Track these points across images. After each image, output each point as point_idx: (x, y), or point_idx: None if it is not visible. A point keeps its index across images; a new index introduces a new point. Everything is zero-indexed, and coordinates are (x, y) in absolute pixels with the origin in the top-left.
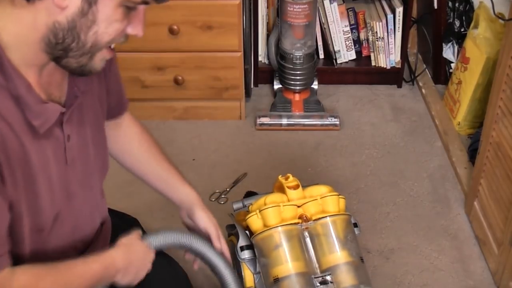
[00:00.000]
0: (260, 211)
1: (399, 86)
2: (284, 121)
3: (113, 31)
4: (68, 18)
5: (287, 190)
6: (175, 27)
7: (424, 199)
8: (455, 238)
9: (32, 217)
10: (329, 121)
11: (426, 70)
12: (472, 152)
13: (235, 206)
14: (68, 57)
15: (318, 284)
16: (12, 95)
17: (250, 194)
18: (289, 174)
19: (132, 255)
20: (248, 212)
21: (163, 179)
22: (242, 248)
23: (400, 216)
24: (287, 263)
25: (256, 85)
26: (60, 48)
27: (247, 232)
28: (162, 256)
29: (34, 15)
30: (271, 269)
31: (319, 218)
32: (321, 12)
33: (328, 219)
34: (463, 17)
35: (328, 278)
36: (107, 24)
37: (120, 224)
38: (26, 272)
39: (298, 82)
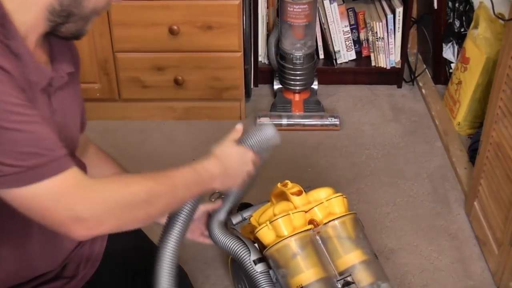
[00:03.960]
0: (270, 222)
1: (399, 86)
2: (284, 121)
3: None
4: None
5: (292, 197)
6: (175, 27)
7: (424, 199)
8: (455, 238)
9: None
10: (329, 121)
11: (426, 70)
12: (472, 152)
13: (234, 220)
14: (69, 22)
15: (340, 287)
16: (12, 52)
17: (244, 206)
18: (287, 181)
19: (227, 161)
20: (249, 224)
21: None
22: (255, 262)
23: (400, 216)
24: (308, 271)
25: (256, 85)
26: (63, 15)
27: (256, 245)
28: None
29: None
30: (292, 278)
31: (329, 221)
32: (321, 12)
33: (337, 221)
34: (463, 17)
35: (350, 279)
36: None
37: None
38: (134, 176)
39: (298, 82)
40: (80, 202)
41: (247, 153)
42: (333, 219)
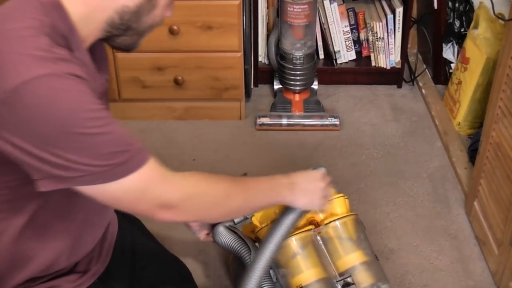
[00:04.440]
0: (272, 222)
1: (399, 86)
2: (284, 121)
3: (162, 14)
4: (136, 2)
5: None
6: (175, 27)
7: (424, 199)
8: (455, 238)
9: None
10: (329, 121)
11: (426, 70)
12: (472, 152)
13: (236, 219)
14: (126, 36)
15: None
16: (81, 63)
17: None
18: None
19: (295, 176)
20: (251, 223)
21: None
22: None
23: (400, 216)
24: (308, 271)
25: (256, 85)
26: (122, 28)
27: (257, 244)
28: (166, 254)
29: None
30: (292, 278)
31: (330, 222)
32: (321, 12)
33: (338, 221)
34: (463, 17)
35: (349, 280)
36: (161, 8)
37: (124, 221)
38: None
39: (298, 82)
40: (165, 190)
41: (316, 172)
42: (334, 220)
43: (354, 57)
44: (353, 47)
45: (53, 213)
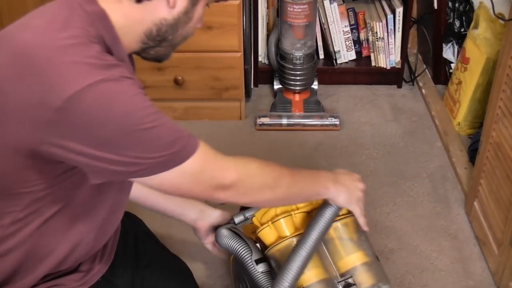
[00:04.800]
0: (272, 222)
1: (399, 86)
2: (284, 121)
3: (195, 26)
4: (174, 15)
5: None
6: None
7: (424, 199)
8: (455, 238)
9: None
10: (329, 121)
11: (426, 70)
12: (472, 152)
13: (237, 219)
14: (160, 47)
15: None
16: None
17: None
18: None
19: (336, 173)
20: (252, 224)
21: (169, 208)
22: (256, 262)
23: (400, 216)
24: (309, 271)
25: (256, 85)
26: (158, 39)
27: (257, 245)
28: (167, 253)
29: (142, 12)
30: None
31: None
32: (321, 12)
33: (339, 222)
34: (463, 17)
35: (351, 280)
36: (195, 20)
37: (126, 220)
38: (251, 159)
39: (298, 82)
40: (219, 171)
41: (354, 174)
42: (335, 220)
43: (354, 57)
44: (353, 47)
45: (80, 208)
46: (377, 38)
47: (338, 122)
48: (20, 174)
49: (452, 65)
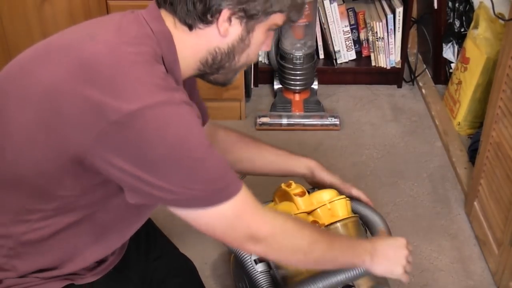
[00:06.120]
0: None
1: (399, 86)
2: (284, 121)
3: (257, 51)
4: (229, 44)
5: (295, 198)
6: None
7: (424, 199)
8: (455, 238)
9: None
10: (329, 121)
11: (426, 70)
12: (472, 152)
13: None
14: (219, 74)
15: None
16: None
17: None
18: (291, 181)
19: (377, 241)
20: None
21: (280, 164)
22: (256, 262)
23: (400, 216)
24: (308, 272)
25: (256, 85)
26: (215, 67)
27: None
28: (174, 249)
29: (195, 39)
30: (292, 279)
31: (331, 224)
32: (321, 12)
33: (339, 223)
34: (463, 17)
35: (349, 282)
36: (256, 46)
37: None
38: (288, 217)
39: (298, 82)
40: (256, 222)
41: (399, 238)
42: (336, 222)
43: (354, 57)
44: (353, 47)
45: (114, 216)
46: (377, 38)
47: (338, 122)
48: (57, 176)
49: (452, 65)
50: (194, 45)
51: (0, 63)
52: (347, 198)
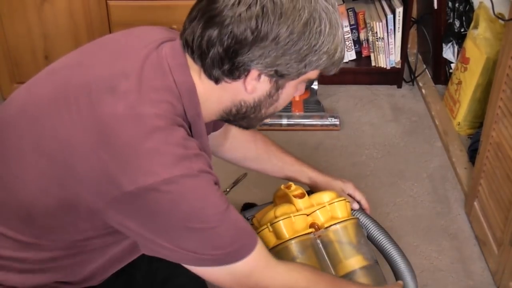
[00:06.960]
0: (271, 224)
1: (399, 86)
2: (284, 121)
3: (286, 103)
4: (255, 99)
5: (294, 199)
6: (175, 27)
7: (424, 199)
8: (455, 238)
9: None
10: (329, 121)
11: (426, 70)
12: (472, 152)
13: None
14: (242, 121)
15: None
16: (201, 148)
17: (248, 206)
18: (290, 183)
19: None
20: (252, 225)
21: (286, 172)
22: None
23: (400, 216)
24: None
25: None
26: (239, 117)
27: None
28: None
29: (220, 92)
30: None
31: (330, 225)
32: None
33: (339, 225)
34: (463, 17)
35: None
36: (285, 100)
37: None
38: (303, 268)
39: None
40: (267, 278)
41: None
42: (335, 223)
43: (354, 57)
44: (353, 47)
45: (127, 247)
46: (377, 38)
47: (338, 122)
48: (72, 221)
49: (452, 65)
50: (218, 97)
51: (0, 63)
52: (347, 200)
